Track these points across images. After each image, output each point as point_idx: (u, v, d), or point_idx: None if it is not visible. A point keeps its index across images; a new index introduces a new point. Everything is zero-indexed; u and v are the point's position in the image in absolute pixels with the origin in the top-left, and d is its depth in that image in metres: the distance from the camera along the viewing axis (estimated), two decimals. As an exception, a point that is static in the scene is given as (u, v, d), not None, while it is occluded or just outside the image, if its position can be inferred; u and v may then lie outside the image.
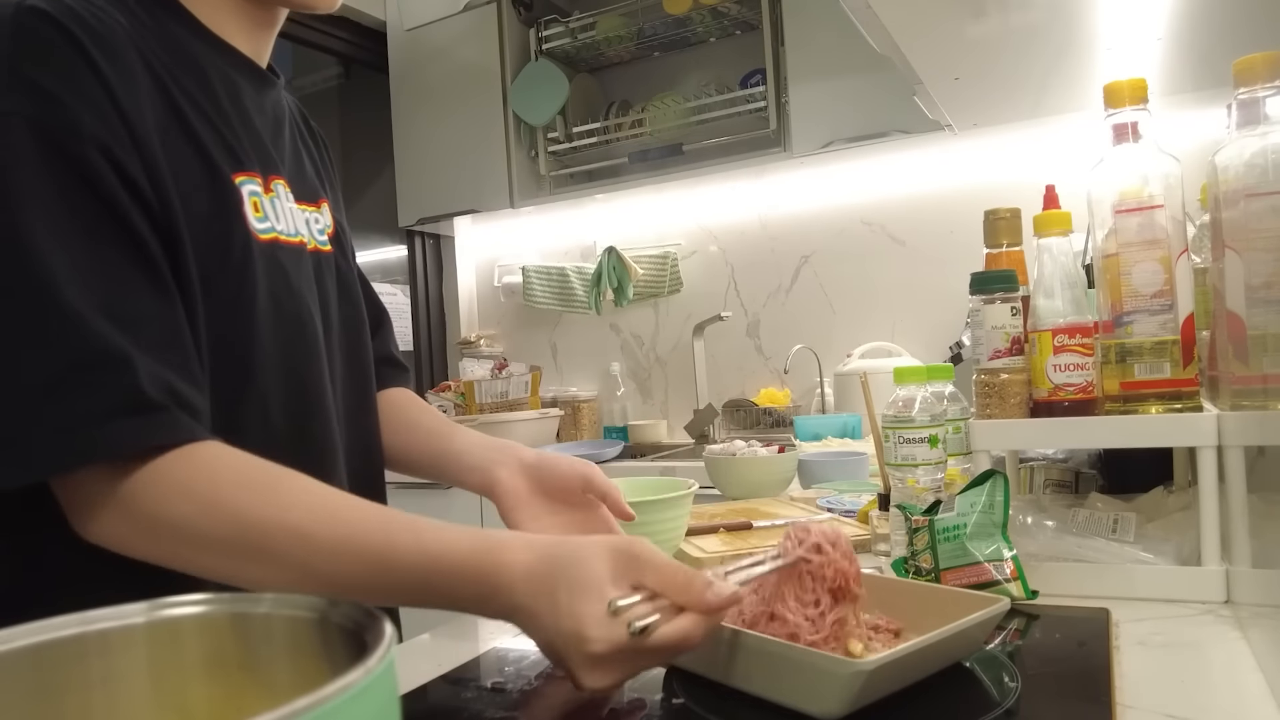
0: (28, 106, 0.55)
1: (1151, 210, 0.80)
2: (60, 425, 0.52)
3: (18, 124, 0.54)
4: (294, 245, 0.73)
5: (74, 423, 0.53)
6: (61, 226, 0.55)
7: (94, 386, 0.53)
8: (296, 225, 0.74)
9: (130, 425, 0.54)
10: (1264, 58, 0.74)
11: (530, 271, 2.78)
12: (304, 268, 0.73)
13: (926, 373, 0.88)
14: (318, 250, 0.77)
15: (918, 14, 1.17)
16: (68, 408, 0.53)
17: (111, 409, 0.53)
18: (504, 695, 0.63)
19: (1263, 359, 0.71)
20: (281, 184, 0.73)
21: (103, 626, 0.35)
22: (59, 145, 0.55)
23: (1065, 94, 1.61)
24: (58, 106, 0.55)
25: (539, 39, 2.62)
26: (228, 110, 0.68)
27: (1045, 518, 0.86)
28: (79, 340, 0.53)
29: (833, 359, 2.32)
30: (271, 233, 0.69)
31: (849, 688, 0.52)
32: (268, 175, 0.70)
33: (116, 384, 0.54)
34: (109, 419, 0.53)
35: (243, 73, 0.72)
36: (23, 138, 0.54)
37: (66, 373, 0.53)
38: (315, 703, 0.24)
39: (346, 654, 0.31)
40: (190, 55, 0.67)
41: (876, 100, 2.07)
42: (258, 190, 0.68)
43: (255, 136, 0.71)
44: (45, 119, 0.55)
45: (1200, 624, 0.70)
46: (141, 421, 0.54)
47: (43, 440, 0.52)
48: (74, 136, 0.56)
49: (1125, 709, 0.54)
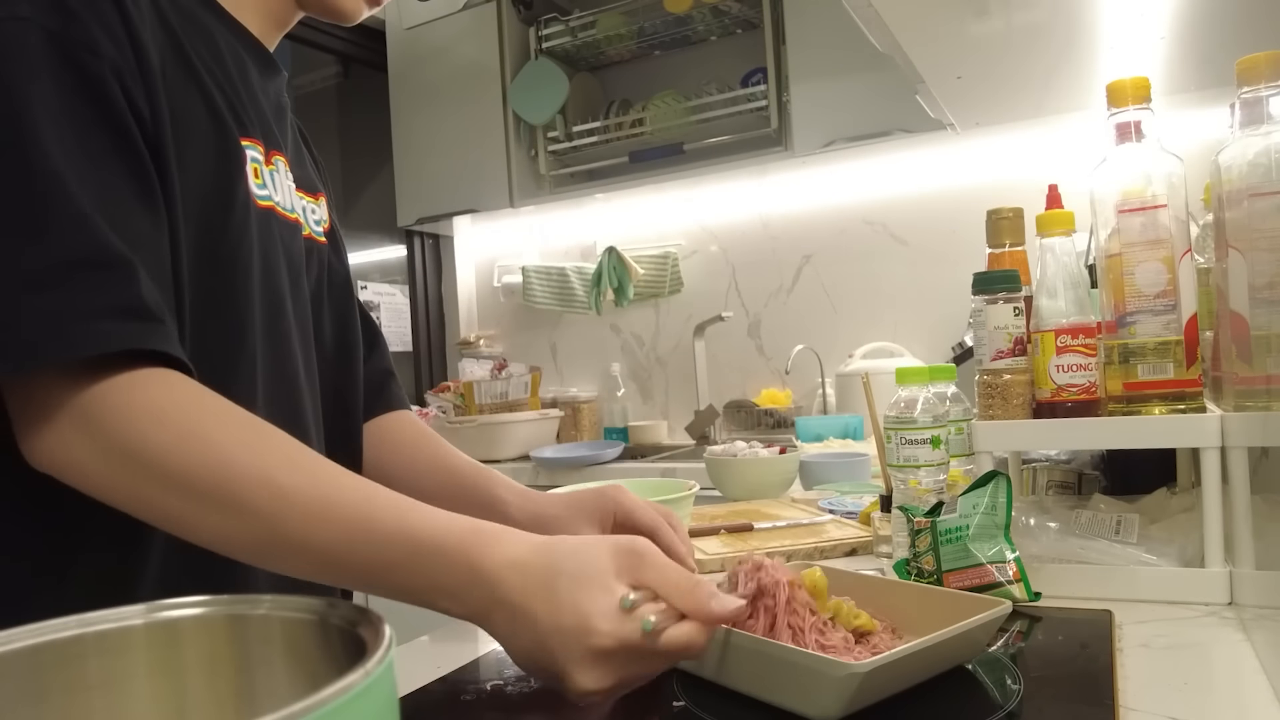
0: (48, 17, 0.54)
1: (1155, 210, 0.80)
2: (52, 316, 0.49)
3: (36, 31, 0.53)
4: (290, 221, 0.72)
5: (67, 315, 0.50)
6: (68, 137, 0.53)
7: (93, 284, 0.51)
8: (293, 204, 0.74)
9: (125, 328, 0.51)
10: (1267, 57, 0.74)
11: (530, 271, 2.78)
12: (294, 247, 0.73)
13: (929, 373, 0.88)
14: (312, 238, 0.77)
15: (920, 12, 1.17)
16: (63, 300, 0.50)
17: (109, 308, 0.51)
18: (503, 697, 0.63)
19: (1266, 359, 0.70)
20: (282, 161, 0.72)
21: (101, 628, 0.35)
22: (75, 60, 0.54)
23: (1068, 93, 1.61)
24: (77, 23, 0.55)
25: (539, 37, 2.61)
26: (235, 80, 0.68)
27: (1048, 519, 0.86)
28: (83, 238, 0.51)
29: (834, 359, 2.32)
30: (269, 201, 0.69)
31: (844, 690, 0.52)
32: (269, 149, 0.70)
33: (116, 286, 0.52)
34: (104, 317, 0.51)
35: (251, 54, 0.72)
36: (40, 45, 0.53)
37: (65, 268, 0.50)
38: (314, 705, 0.24)
39: (345, 656, 0.31)
40: (203, 24, 0.67)
41: (878, 99, 2.07)
42: (259, 158, 0.68)
43: (259, 110, 0.70)
44: (64, 32, 0.54)
45: (1203, 626, 0.70)
46: (137, 327, 0.52)
47: (31, 328, 0.49)
48: (91, 54, 0.55)
49: (1128, 711, 0.54)
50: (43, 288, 0.50)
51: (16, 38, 0.53)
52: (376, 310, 3.00)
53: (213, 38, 0.67)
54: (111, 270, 0.52)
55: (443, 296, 3.09)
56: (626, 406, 2.70)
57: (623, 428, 2.59)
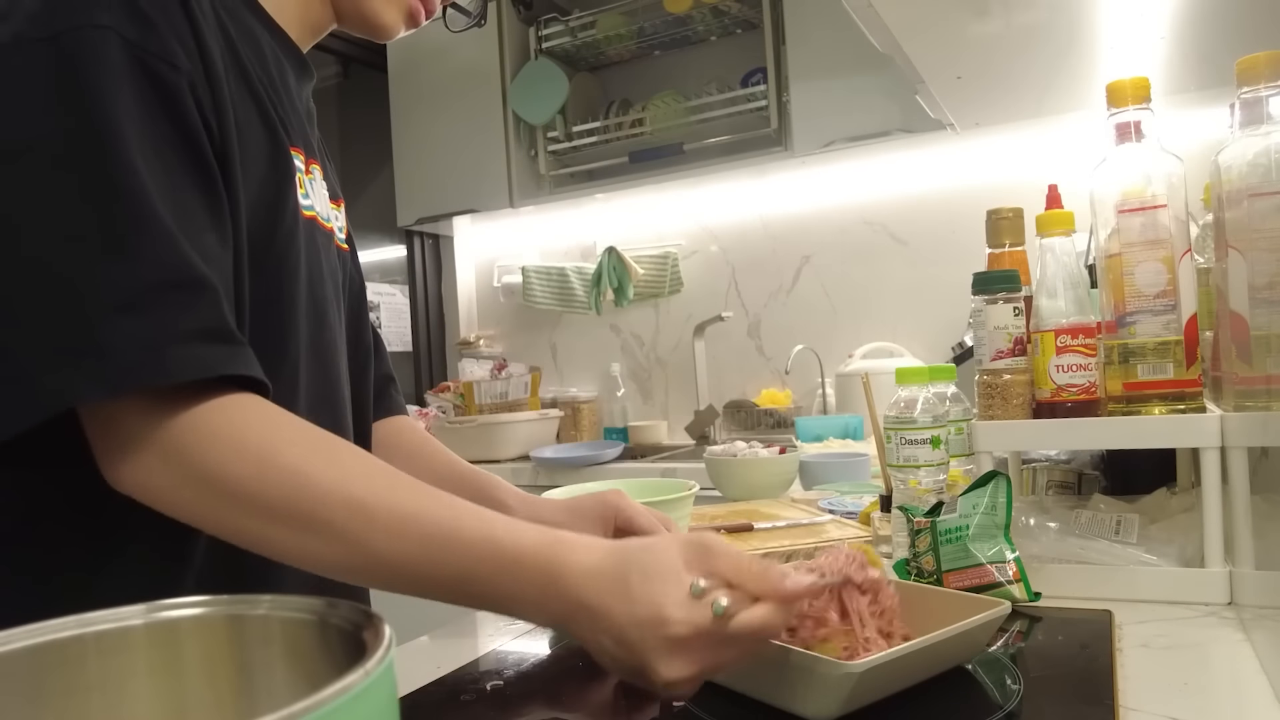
0: (126, 26, 0.53)
1: (1154, 210, 0.80)
2: (144, 340, 0.49)
3: (114, 40, 0.52)
4: (326, 231, 0.73)
5: (159, 339, 0.49)
6: (150, 153, 0.53)
7: (181, 306, 0.50)
8: (328, 213, 0.74)
9: (215, 353, 0.51)
10: (1267, 57, 0.74)
11: (530, 271, 2.78)
12: (331, 256, 0.74)
13: (929, 373, 0.88)
14: (339, 246, 0.77)
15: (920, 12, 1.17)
16: (153, 323, 0.49)
17: (198, 332, 0.51)
18: (503, 697, 0.63)
19: (1266, 359, 0.70)
20: (318, 169, 0.73)
21: (101, 628, 0.35)
22: (154, 73, 0.54)
23: (1068, 93, 1.61)
24: (155, 33, 0.54)
25: (539, 38, 2.61)
26: (279, 86, 0.68)
27: (1048, 519, 0.86)
28: (169, 258, 0.51)
29: (834, 359, 2.32)
30: (311, 210, 0.69)
31: (840, 690, 0.52)
32: (308, 157, 0.70)
33: (204, 308, 0.51)
34: (195, 340, 0.50)
35: (290, 59, 0.72)
36: (120, 56, 0.52)
37: (155, 289, 0.50)
38: (314, 705, 0.24)
39: (345, 656, 0.31)
40: (250, 29, 0.67)
41: (878, 99, 2.07)
42: (300, 167, 0.68)
43: (298, 117, 0.71)
44: (142, 42, 0.53)
45: (1203, 626, 0.70)
46: (225, 351, 0.52)
47: (124, 353, 0.48)
48: (169, 67, 0.54)
49: (1128, 711, 0.54)
50: (132, 310, 0.49)
51: (97, 46, 0.52)
52: (376, 310, 3.00)
53: (259, 43, 0.67)
54: (197, 292, 0.52)
55: (443, 296, 3.09)
56: (626, 406, 2.70)
57: (623, 428, 2.59)
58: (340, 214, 0.80)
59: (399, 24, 0.76)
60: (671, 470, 2.07)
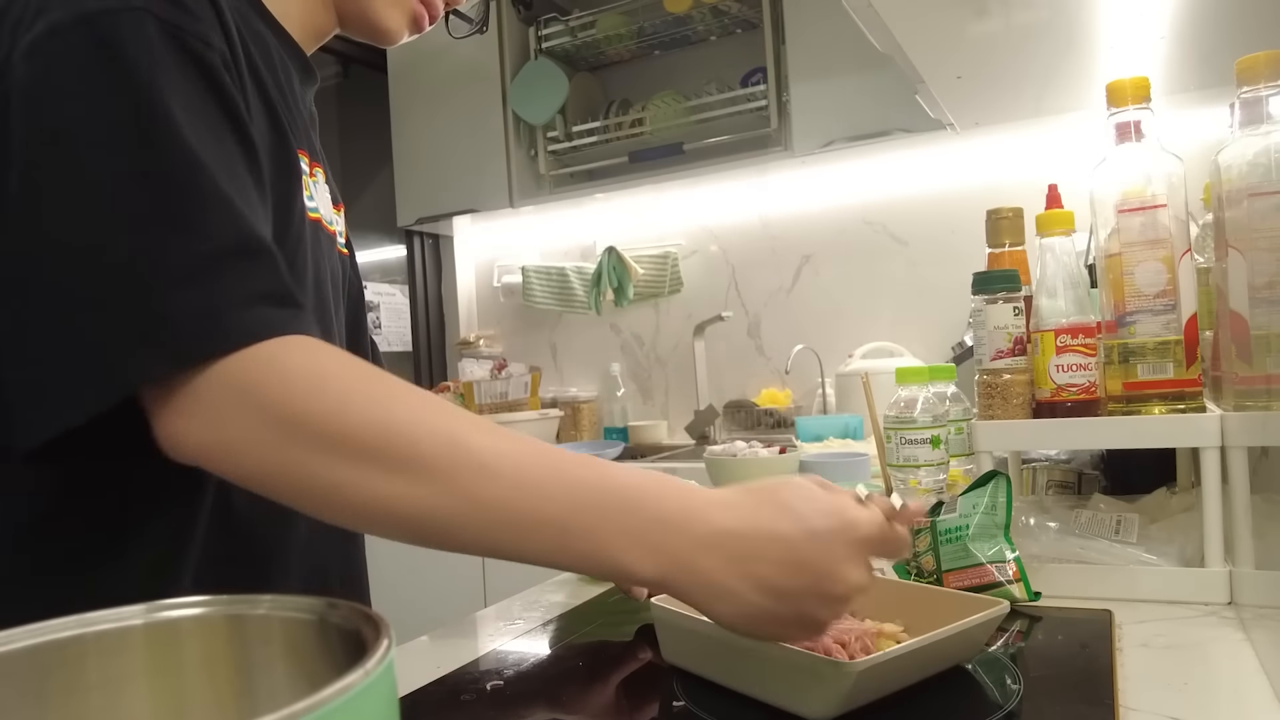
0: (161, 7, 0.53)
1: (1154, 210, 0.80)
2: (210, 309, 0.48)
3: (150, 21, 0.52)
4: (330, 234, 0.73)
5: (224, 307, 0.48)
6: (200, 127, 0.52)
7: (245, 272, 0.50)
8: (331, 216, 0.74)
9: (280, 315, 0.50)
10: (1267, 56, 0.74)
11: (530, 271, 2.77)
12: (334, 259, 0.74)
13: (929, 373, 0.88)
14: (340, 250, 0.78)
15: (920, 12, 1.17)
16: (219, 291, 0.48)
17: (262, 295, 0.50)
18: (503, 697, 0.63)
19: (1266, 359, 0.70)
20: (321, 172, 0.73)
21: (101, 628, 0.35)
22: (193, 51, 0.54)
23: (1068, 93, 1.61)
24: (188, 15, 0.54)
25: (538, 38, 2.61)
26: (284, 88, 0.68)
27: (1048, 519, 0.86)
28: (232, 226, 0.50)
29: (834, 359, 2.32)
30: (316, 213, 0.69)
31: (838, 689, 0.52)
32: (312, 160, 0.71)
33: (267, 273, 0.51)
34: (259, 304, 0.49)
35: (294, 62, 0.72)
36: (158, 35, 0.52)
37: (217, 257, 0.49)
38: (314, 705, 0.24)
39: (345, 656, 0.31)
40: (258, 30, 0.67)
41: (878, 99, 2.07)
42: (305, 169, 0.68)
43: (302, 120, 0.71)
44: (178, 22, 0.53)
45: (1203, 625, 0.70)
46: (290, 313, 0.51)
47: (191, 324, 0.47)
48: (204, 45, 0.54)
49: (1128, 711, 0.54)
50: (193, 281, 0.48)
51: (135, 27, 0.52)
52: (376, 310, 3.00)
53: (266, 45, 0.67)
54: (256, 257, 0.51)
55: (443, 296, 3.09)
56: (626, 406, 2.70)
57: (623, 427, 2.59)
58: (340, 218, 0.80)
59: (402, 29, 0.76)
60: (672, 470, 2.06)
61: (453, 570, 2.26)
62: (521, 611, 0.83)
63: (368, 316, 0.87)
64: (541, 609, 0.83)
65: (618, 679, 0.66)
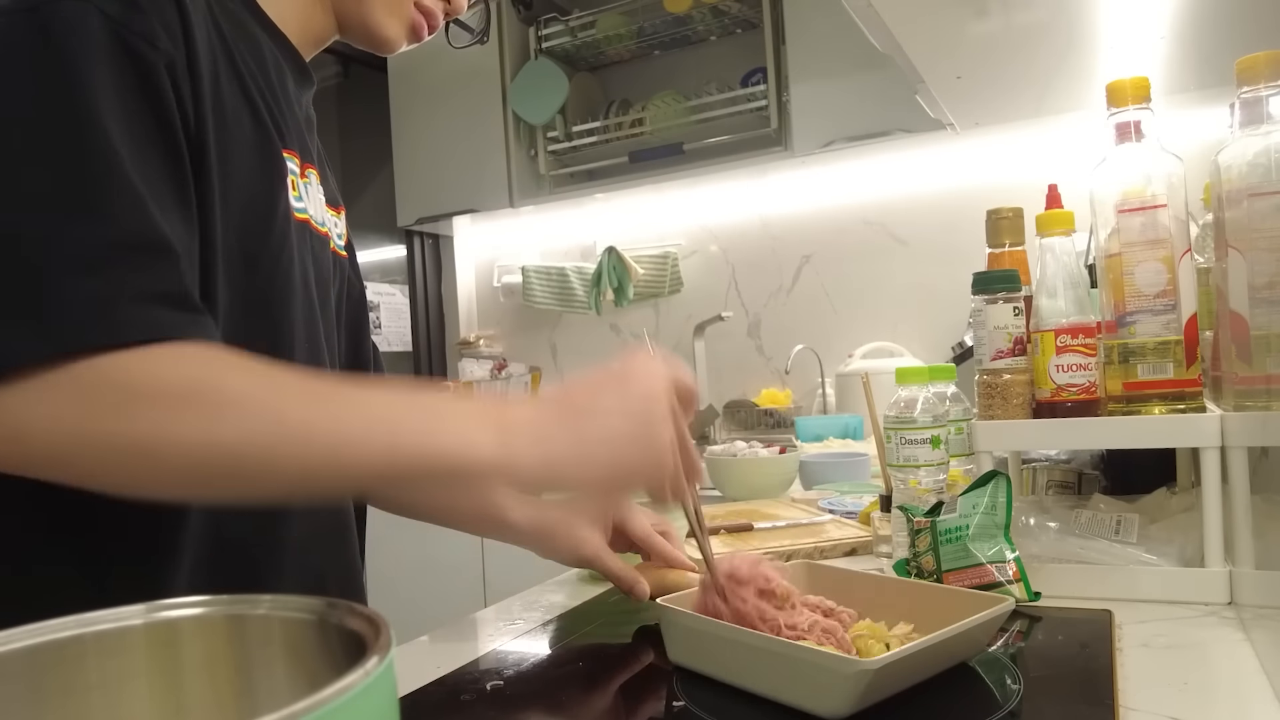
0: (110, 4, 0.53)
1: (1154, 210, 0.80)
2: (102, 299, 0.48)
3: (95, 15, 0.53)
4: (321, 235, 0.73)
5: (118, 299, 0.48)
6: (119, 122, 0.52)
7: (139, 267, 0.49)
8: (324, 217, 0.74)
9: (170, 316, 0.50)
10: (1267, 56, 0.74)
11: (530, 271, 2.78)
12: (325, 261, 0.73)
13: (929, 373, 0.88)
14: (336, 252, 0.77)
15: (920, 12, 1.17)
16: (114, 282, 0.48)
17: (154, 294, 0.49)
18: (503, 697, 0.63)
19: (1266, 359, 0.70)
20: (314, 174, 0.73)
21: (100, 628, 0.35)
22: (131, 49, 0.54)
23: (1068, 93, 1.61)
24: (136, 13, 0.54)
25: (538, 37, 2.61)
26: (277, 90, 0.68)
27: (1048, 519, 0.86)
28: (137, 219, 0.50)
29: (834, 359, 2.32)
30: (305, 213, 0.69)
31: (854, 687, 0.52)
32: (304, 162, 0.71)
33: (162, 271, 0.51)
34: (149, 302, 0.49)
35: (290, 65, 0.72)
36: (99, 29, 0.53)
37: (118, 248, 0.49)
38: (314, 705, 0.24)
39: (345, 656, 0.31)
40: (250, 32, 0.67)
41: (878, 99, 2.07)
42: (295, 170, 0.68)
43: (295, 122, 0.71)
44: (123, 19, 0.54)
45: (1203, 625, 0.70)
46: (183, 316, 0.50)
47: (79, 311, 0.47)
48: (149, 46, 0.54)
49: (1128, 711, 0.54)
50: (89, 269, 0.48)
51: (78, 19, 0.52)
52: (376, 310, 3.00)
53: (259, 46, 0.67)
54: (158, 255, 0.51)
55: (443, 296, 3.09)
56: (626, 406, 2.69)
57: (622, 428, 2.59)
58: (340, 221, 0.80)
59: (402, 38, 0.76)
60: (671, 470, 2.06)
61: (453, 570, 2.26)
62: (521, 612, 0.83)
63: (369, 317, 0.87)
64: (541, 609, 0.83)
65: (618, 679, 0.66)
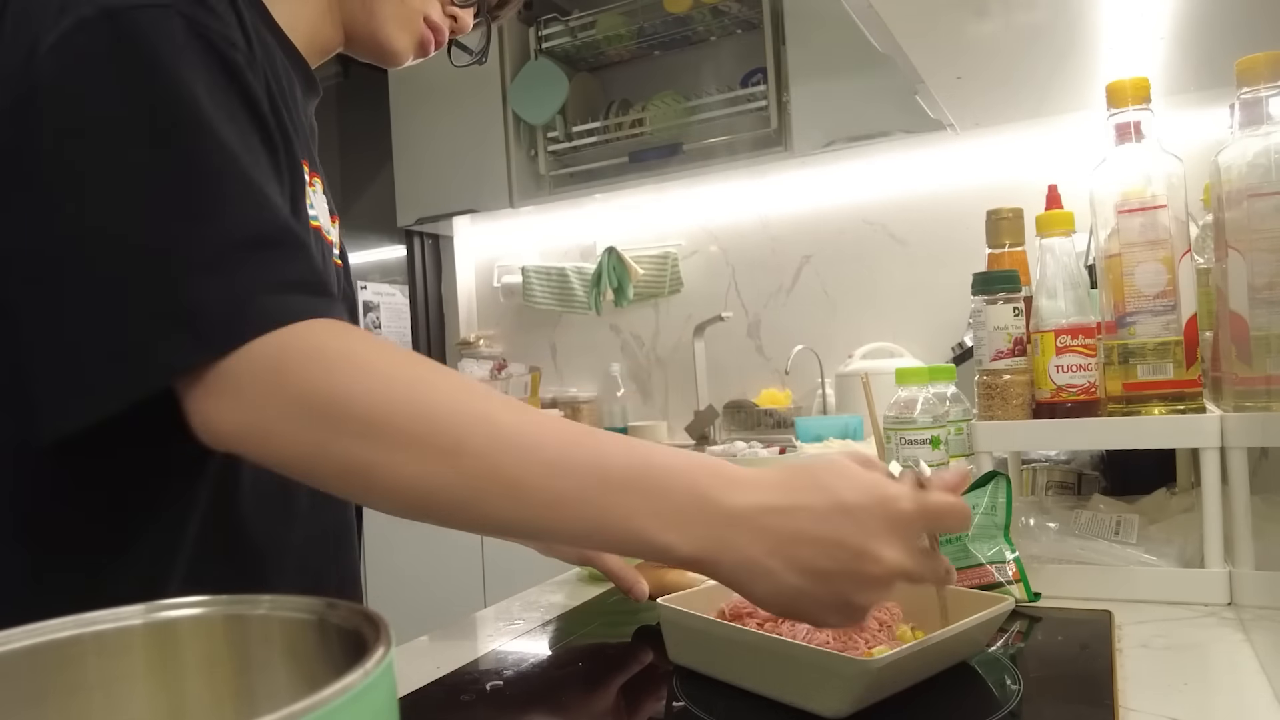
0: (186, 6, 0.53)
1: (1154, 210, 0.80)
2: (243, 296, 0.48)
3: (175, 18, 0.52)
4: (328, 244, 0.73)
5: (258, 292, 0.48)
6: (223, 119, 0.52)
7: (273, 260, 0.50)
8: (328, 226, 0.74)
9: (308, 302, 0.50)
10: (1267, 57, 0.74)
11: (530, 271, 2.78)
12: (330, 268, 0.74)
13: (928, 373, 0.88)
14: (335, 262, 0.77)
15: (920, 13, 1.17)
16: (251, 277, 0.48)
17: (291, 283, 0.50)
18: (503, 698, 0.63)
19: (1266, 360, 0.70)
20: (320, 182, 0.73)
21: (100, 628, 0.35)
22: (216, 48, 0.54)
23: (1068, 93, 1.61)
24: (213, 15, 0.55)
25: (538, 38, 2.61)
26: (289, 98, 0.68)
27: (1048, 519, 0.86)
28: (256, 215, 0.50)
29: (834, 359, 2.32)
30: (317, 222, 0.70)
31: (856, 686, 0.52)
32: (311, 170, 0.71)
33: (295, 262, 0.51)
34: (293, 290, 0.49)
35: (298, 74, 0.72)
36: (185, 32, 0.52)
37: (240, 246, 0.49)
38: (314, 705, 0.24)
39: (345, 656, 0.31)
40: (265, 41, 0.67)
41: (878, 99, 2.07)
42: (306, 178, 0.68)
43: (303, 132, 0.71)
44: (203, 20, 0.54)
45: (1203, 626, 0.70)
46: (320, 301, 0.50)
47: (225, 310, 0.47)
48: (230, 44, 0.55)
49: (1128, 711, 0.54)
50: (224, 268, 0.48)
51: (161, 22, 0.52)
52: (376, 310, 3.00)
53: (272, 54, 0.67)
54: (288, 246, 0.51)
55: (443, 297, 3.09)
56: (626, 406, 2.70)
57: (623, 427, 2.59)
58: (335, 229, 0.80)
59: (409, 52, 0.76)
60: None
61: (452, 571, 2.26)
62: (521, 612, 0.83)
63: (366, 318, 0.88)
64: (541, 609, 0.83)
65: (618, 679, 0.66)
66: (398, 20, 0.74)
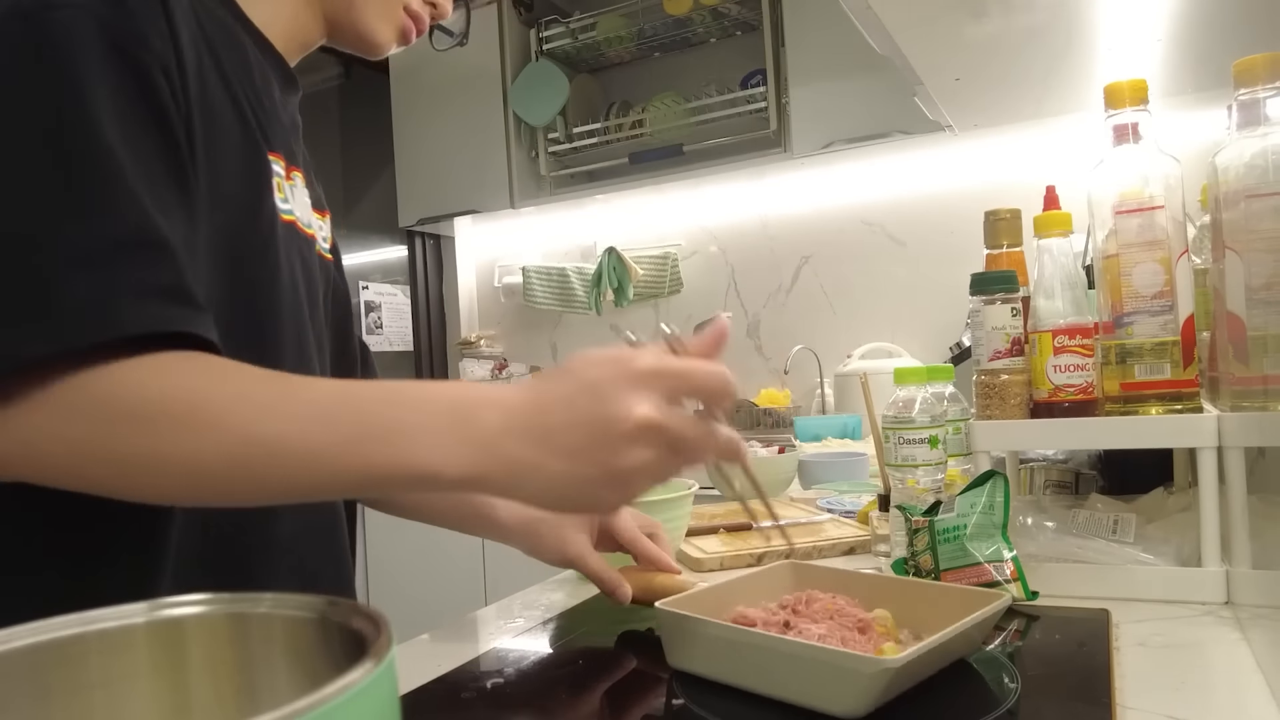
0: (102, 7, 0.54)
1: (1152, 211, 0.80)
2: (102, 295, 0.48)
3: (86, 19, 0.53)
4: (308, 237, 0.73)
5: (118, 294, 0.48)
6: (118, 124, 0.53)
7: (141, 264, 0.50)
8: (310, 220, 0.74)
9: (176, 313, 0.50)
10: (1264, 58, 0.74)
11: (530, 272, 2.78)
12: (311, 262, 0.74)
13: (927, 373, 0.88)
14: (322, 254, 0.78)
15: (918, 14, 1.17)
16: (110, 279, 0.48)
17: (158, 289, 0.50)
18: (503, 696, 0.63)
19: (1263, 360, 0.71)
20: (300, 176, 0.73)
21: (103, 626, 0.35)
22: (124, 50, 0.54)
23: (1066, 95, 1.61)
24: (127, 15, 0.55)
25: (539, 39, 2.62)
26: (261, 94, 0.68)
27: (1045, 518, 0.86)
28: (132, 218, 0.50)
29: (833, 359, 2.32)
30: (291, 215, 0.70)
31: (874, 686, 0.52)
32: (289, 164, 0.71)
33: (163, 267, 0.51)
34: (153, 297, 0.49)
35: (275, 70, 0.72)
36: (90, 32, 0.53)
37: (112, 247, 0.49)
38: (315, 703, 0.24)
39: (346, 654, 0.31)
40: (235, 37, 0.68)
41: (877, 101, 2.07)
42: (280, 173, 0.69)
43: (280, 126, 0.71)
44: (115, 22, 0.54)
45: (1200, 625, 0.70)
46: (187, 312, 0.50)
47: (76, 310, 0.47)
48: (141, 47, 0.55)
49: (1125, 710, 0.54)
50: (90, 266, 0.49)
51: (72, 24, 0.52)
52: (378, 310, 3.00)
53: (244, 51, 0.68)
54: (161, 252, 0.51)
55: (444, 296, 3.10)
56: (626, 407, 2.69)
57: (622, 428, 2.59)
58: (325, 224, 0.80)
59: (391, 41, 0.77)
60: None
61: (453, 569, 2.26)
62: (521, 610, 0.83)
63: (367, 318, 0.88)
64: (541, 608, 0.84)
65: (618, 678, 0.66)
66: (378, 11, 0.75)
